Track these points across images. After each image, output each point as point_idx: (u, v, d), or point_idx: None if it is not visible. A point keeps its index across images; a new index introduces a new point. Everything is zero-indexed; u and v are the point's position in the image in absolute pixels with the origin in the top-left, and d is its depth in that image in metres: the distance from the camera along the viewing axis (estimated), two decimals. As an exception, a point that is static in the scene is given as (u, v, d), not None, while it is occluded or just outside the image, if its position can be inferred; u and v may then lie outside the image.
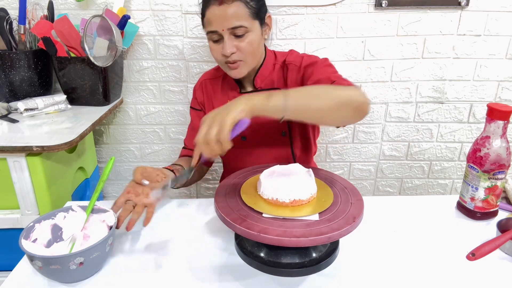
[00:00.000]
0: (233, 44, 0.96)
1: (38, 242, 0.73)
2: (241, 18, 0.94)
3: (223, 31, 0.94)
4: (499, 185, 0.88)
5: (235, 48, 0.97)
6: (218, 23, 0.94)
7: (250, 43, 0.97)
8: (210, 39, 0.99)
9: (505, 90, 1.56)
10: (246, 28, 0.95)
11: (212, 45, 1.00)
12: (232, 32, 0.95)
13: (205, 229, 0.88)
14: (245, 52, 0.98)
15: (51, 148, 1.05)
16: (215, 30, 0.95)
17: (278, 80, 1.09)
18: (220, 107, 0.73)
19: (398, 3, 1.42)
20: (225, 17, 0.93)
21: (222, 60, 1.00)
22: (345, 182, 0.83)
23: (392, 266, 0.76)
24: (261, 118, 1.06)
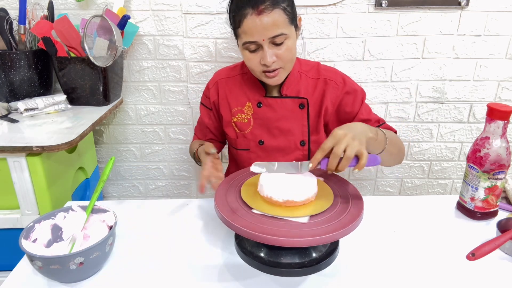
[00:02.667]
0: (273, 52, 0.95)
1: (38, 242, 0.73)
2: (280, 26, 0.93)
3: (263, 41, 0.93)
4: (499, 185, 0.88)
5: (275, 57, 0.95)
6: (258, 33, 0.92)
7: (289, 49, 0.96)
8: (246, 49, 0.97)
9: (505, 90, 1.56)
10: (286, 35, 0.94)
11: (249, 55, 0.98)
12: (272, 41, 0.94)
13: (205, 229, 0.88)
14: (285, 60, 0.97)
15: (51, 148, 1.05)
16: (255, 40, 0.93)
17: (306, 91, 1.08)
18: (349, 125, 0.78)
19: (398, 3, 1.42)
20: (265, 27, 0.91)
21: (259, 70, 0.98)
22: (344, 181, 0.83)
23: (392, 266, 0.76)
24: (283, 124, 1.07)
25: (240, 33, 0.96)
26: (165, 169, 1.72)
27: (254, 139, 1.10)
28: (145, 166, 1.72)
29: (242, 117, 1.10)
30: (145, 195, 1.78)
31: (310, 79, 1.09)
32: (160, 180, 1.75)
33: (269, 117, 1.08)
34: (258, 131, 1.10)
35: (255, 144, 1.11)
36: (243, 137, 1.11)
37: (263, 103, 1.08)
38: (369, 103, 1.56)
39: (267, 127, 1.09)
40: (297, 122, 1.08)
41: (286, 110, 1.07)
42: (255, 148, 1.11)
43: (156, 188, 1.77)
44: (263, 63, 0.95)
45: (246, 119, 1.10)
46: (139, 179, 1.75)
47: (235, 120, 1.11)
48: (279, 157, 1.11)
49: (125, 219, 0.90)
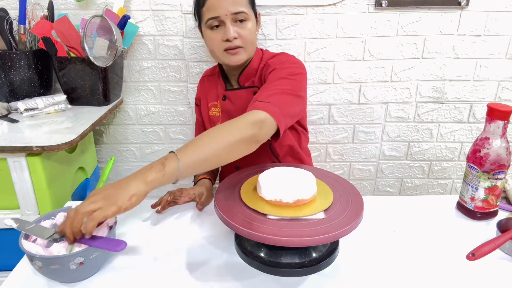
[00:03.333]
0: (235, 29, 1.00)
1: (38, 242, 0.73)
2: (242, 4, 1.00)
3: (226, 16, 0.98)
4: (499, 185, 0.88)
5: (237, 34, 1.00)
6: (221, 7, 0.98)
7: (250, 30, 1.02)
8: (208, 27, 1.02)
9: (505, 90, 1.56)
10: (246, 15, 1.01)
11: (210, 34, 1.02)
12: (234, 18, 1.00)
13: (205, 229, 0.88)
14: (246, 39, 1.02)
15: (51, 148, 1.05)
16: (218, 15, 0.99)
17: (258, 80, 1.09)
18: (116, 183, 0.72)
19: (398, 3, 1.42)
20: (230, 2, 0.98)
21: (221, 47, 1.02)
22: (345, 182, 0.83)
23: (392, 266, 0.76)
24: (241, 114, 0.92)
25: (204, 12, 1.02)
26: (165, 169, 1.72)
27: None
28: (145, 166, 1.71)
29: (215, 111, 1.17)
30: (145, 195, 1.78)
31: (262, 69, 1.08)
32: (160, 180, 1.74)
33: (230, 109, 1.12)
34: None
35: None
36: None
37: (226, 96, 1.13)
38: (369, 103, 1.57)
39: (231, 118, 1.05)
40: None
41: (244, 100, 1.08)
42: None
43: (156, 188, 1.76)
44: (225, 38, 1.00)
45: (218, 113, 1.16)
46: (139, 179, 1.74)
47: (210, 114, 1.18)
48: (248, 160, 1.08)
49: (125, 219, 0.90)
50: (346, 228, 0.65)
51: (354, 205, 0.73)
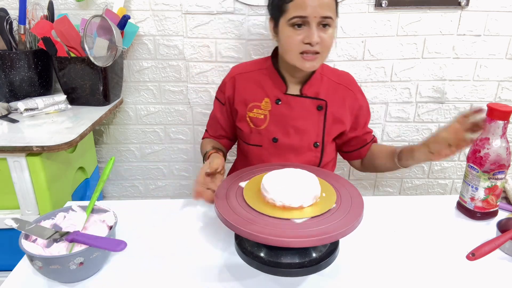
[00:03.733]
0: (318, 34, 0.95)
1: (38, 242, 0.73)
2: (332, 10, 0.95)
3: (314, 18, 0.93)
4: (499, 185, 0.88)
5: (319, 39, 0.95)
6: (312, 9, 0.92)
7: (331, 36, 0.97)
8: (290, 24, 0.95)
9: (505, 90, 1.56)
10: (332, 20, 0.96)
11: (291, 33, 0.96)
12: (320, 22, 0.94)
13: (205, 229, 0.88)
14: (326, 45, 0.97)
15: (51, 148, 1.05)
16: (306, 15, 0.93)
17: (326, 93, 1.08)
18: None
19: (398, 3, 1.42)
20: (321, 5, 0.93)
21: (298, 49, 0.96)
22: (345, 181, 0.83)
23: (392, 266, 0.76)
24: (299, 123, 1.07)
25: (290, 7, 0.95)
26: (165, 169, 1.72)
27: (268, 135, 1.09)
28: (145, 166, 1.72)
29: (258, 113, 1.09)
30: (145, 195, 1.78)
31: (331, 82, 1.10)
32: (160, 180, 1.75)
33: (286, 115, 1.07)
34: (273, 128, 1.08)
35: (268, 141, 1.09)
36: (257, 132, 1.10)
37: (282, 100, 1.07)
38: (369, 103, 1.56)
39: (283, 125, 1.08)
40: (313, 123, 1.08)
41: (304, 110, 1.07)
42: (268, 145, 1.10)
43: (156, 188, 1.77)
44: (308, 41, 0.94)
45: (263, 115, 1.08)
46: (139, 179, 1.75)
47: (250, 115, 1.10)
48: (292, 157, 1.09)
49: (125, 219, 0.90)
50: (346, 228, 0.65)
51: (354, 205, 0.73)
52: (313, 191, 0.73)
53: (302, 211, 0.70)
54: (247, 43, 1.49)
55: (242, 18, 1.45)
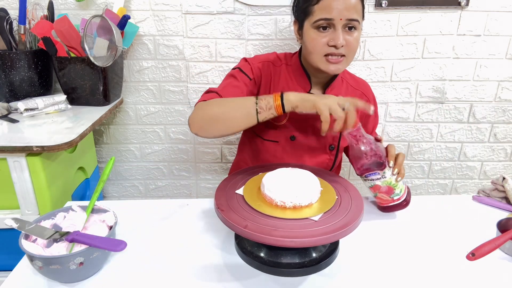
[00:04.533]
0: (344, 36, 0.93)
1: (38, 242, 0.73)
2: (358, 12, 0.93)
3: (340, 21, 0.91)
4: (380, 184, 0.88)
5: (345, 41, 0.93)
6: (338, 11, 0.90)
7: (357, 39, 0.95)
8: (315, 27, 0.94)
9: (505, 90, 1.56)
10: (358, 23, 0.94)
11: (315, 34, 0.94)
12: (346, 24, 0.93)
13: (205, 229, 0.88)
14: (351, 48, 0.95)
15: (51, 148, 1.05)
16: (332, 18, 0.91)
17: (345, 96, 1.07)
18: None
19: (398, 3, 1.42)
20: (347, 7, 0.91)
21: (323, 51, 0.94)
22: (345, 182, 0.83)
23: (392, 266, 0.76)
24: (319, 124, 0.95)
25: (316, 10, 0.93)
26: (165, 169, 1.72)
27: (286, 132, 1.07)
28: (145, 166, 1.72)
29: None
30: (145, 195, 1.78)
31: (350, 87, 1.10)
32: (160, 180, 1.75)
33: (307, 114, 1.02)
34: (293, 125, 1.06)
35: (285, 138, 1.07)
36: (274, 128, 1.07)
37: None
38: (369, 103, 1.57)
39: (302, 123, 1.06)
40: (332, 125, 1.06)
41: None
42: (284, 142, 1.07)
43: (156, 188, 1.77)
44: (333, 43, 0.92)
45: None
46: (139, 179, 1.75)
47: None
48: (307, 157, 1.09)
49: (125, 219, 0.90)
50: (346, 228, 0.65)
51: (354, 205, 0.73)
52: (313, 190, 0.73)
53: (301, 211, 0.70)
54: (247, 43, 1.49)
55: (242, 18, 1.45)
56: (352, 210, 0.71)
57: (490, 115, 1.61)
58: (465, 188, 1.75)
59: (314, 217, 0.68)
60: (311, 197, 0.72)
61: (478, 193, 1.04)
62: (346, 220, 0.68)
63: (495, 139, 1.65)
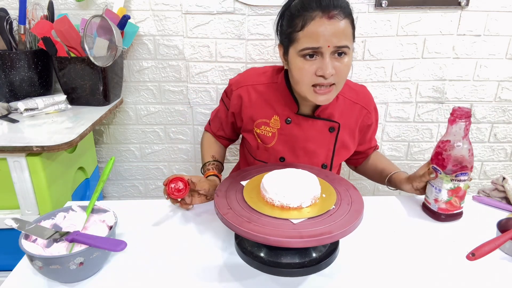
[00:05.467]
0: (332, 64, 0.86)
1: (38, 242, 0.73)
2: (347, 38, 0.86)
3: (328, 48, 0.84)
4: (462, 187, 0.88)
5: (334, 70, 0.86)
6: (324, 39, 0.83)
7: (347, 65, 0.88)
8: (302, 56, 0.87)
9: (505, 90, 1.56)
10: (348, 49, 0.86)
11: (301, 63, 0.87)
12: (335, 51, 0.86)
13: (205, 229, 0.88)
14: (341, 75, 0.88)
15: (51, 148, 1.05)
16: (319, 46, 0.84)
17: (340, 114, 1.02)
18: None
19: (398, 3, 1.42)
20: (335, 34, 0.83)
21: (310, 82, 0.88)
22: (345, 182, 0.83)
23: (392, 266, 0.76)
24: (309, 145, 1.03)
25: (301, 37, 0.86)
26: (165, 169, 1.72)
27: (275, 154, 1.04)
28: (145, 166, 1.72)
29: (266, 130, 1.03)
30: (145, 195, 1.78)
31: (347, 101, 1.03)
32: (160, 180, 1.75)
33: (297, 135, 1.01)
34: (282, 147, 1.03)
35: (275, 159, 1.05)
36: (264, 149, 1.05)
37: (292, 120, 1.01)
38: (369, 103, 1.57)
39: (292, 145, 1.03)
40: (324, 145, 1.04)
41: (316, 131, 1.02)
42: (274, 163, 1.05)
43: (156, 188, 1.76)
44: (321, 73, 0.86)
45: (271, 133, 1.02)
46: (139, 179, 1.75)
47: (257, 131, 1.04)
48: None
49: (125, 219, 0.90)
50: (346, 228, 0.65)
51: (354, 205, 0.73)
52: (312, 191, 0.73)
53: (301, 212, 0.70)
54: (247, 43, 1.49)
55: (242, 18, 1.45)
56: (352, 210, 0.71)
57: (490, 115, 1.61)
58: (465, 188, 1.75)
59: (294, 219, 0.68)
60: (300, 199, 0.71)
61: (478, 193, 1.04)
62: (346, 220, 0.67)
63: (495, 139, 1.65)
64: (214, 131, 1.20)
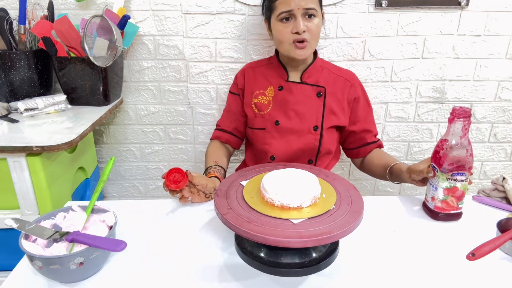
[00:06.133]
0: (304, 24, 1.08)
1: (38, 242, 0.73)
2: (313, 2, 1.08)
3: (298, 10, 1.07)
4: (459, 187, 0.87)
5: (306, 28, 1.08)
6: (295, 3, 1.06)
7: (317, 25, 1.10)
8: (279, 20, 1.10)
9: (505, 90, 1.56)
10: (315, 11, 1.09)
11: (281, 26, 1.10)
12: (305, 13, 1.08)
13: (205, 229, 0.88)
14: (313, 33, 1.10)
15: (51, 148, 1.05)
16: (291, 9, 1.07)
17: (325, 81, 1.20)
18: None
19: (398, 3, 1.42)
20: None
21: (290, 39, 1.10)
22: (345, 182, 0.83)
23: (392, 266, 0.76)
24: (299, 107, 1.17)
25: (277, 5, 1.09)
26: (165, 169, 1.72)
27: (271, 119, 1.19)
28: (145, 166, 1.72)
29: (263, 99, 1.21)
30: (145, 195, 1.78)
31: (331, 73, 1.22)
32: (160, 180, 1.75)
33: (288, 99, 1.18)
34: (276, 112, 1.19)
35: (271, 124, 1.19)
36: (261, 117, 1.21)
37: (284, 87, 1.19)
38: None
39: (284, 109, 1.19)
40: (313, 108, 1.18)
41: (304, 95, 1.18)
42: (271, 128, 1.19)
43: (156, 188, 1.76)
44: (296, 31, 1.08)
45: (267, 101, 1.20)
46: (139, 179, 1.75)
47: (255, 101, 1.22)
48: (293, 139, 1.18)
49: (125, 219, 0.90)
50: (346, 228, 0.65)
51: (354, 205, 0.73)
52: (312, 191, 0.73)
53: (301, 212, 0.70)
54: (247, 43, 1.49)
55: (242, 18, 1.45)
56: (352, 210, 0.71)
57: (490, 115, 1.61)
58: (465, 188, 1.75)
59: (294, 219, 0.68)
60: (300, 199, 0.71)
61: (478, 193, 1.04)
62: (346, 220, 0.67)
63: (495, 139, 1.65)
64: (227, 128, 1.29)
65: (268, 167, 0.89)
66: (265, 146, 1.20)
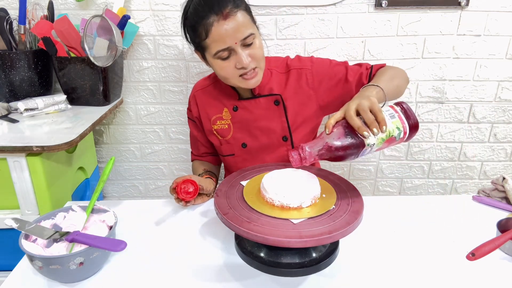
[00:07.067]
0: (246, 53, 0.95)
1: (38, 242, 0.73)
2: (248, 26, 0.94)
3: (236, 44, 0.93)
4: (376, 148, 0.71)
5: (250, 57, 0.95)
6: (230, 38, 0.91)
7: (259, 47, 0.97)
8: (219, 58, 0.96)
9: (505, 90, 1.56)
10: (254, 35, 0.95)
11: (221, 64, 0.96)
12: (244, 43, 0.94)
13: (205, 229, 0.88)
14: (258, 58, 0.97)
15: (51, 148, 1.05)
16: (228, 46, 0.92)
17: (278, 87, 1.09)
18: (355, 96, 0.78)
19: (398, 3, 1.42)
20: (236, 30, 0.91)
21: (236, 75, 0.97)
22: (345, 182, 0.83)
23: (392, 266, 0.76)
24: (262, 123, 1.09)
25: (209, 44, 0.94)
26: (165, 169, 1.72)
27: (237, 143, 1.12)
28: (145, 166, 1.72)
29: (222, 124, 1.12)
30: (145, 195, 1.78)
31: (280, 74, 1.10)
32: (160, 180, 1.75)
33: (247, 118, 1.10)
34: (240, 134, 1.11)
35: (238, 147, 1.13)
36: (226, 143, 1.13)
37: (238, 107, 1.10)
38: (369, 103, 1.56)
39: (247, 129, 1.11)
40: (276, 119, 1.09)
41: (262, 109, 1.09)
42: (239, 152, 1.13)
43: (156, 188, 1.77)
44: (240, 66, 0.95)
45: (226, 125, 1.12)
46: (139, 179, 1.75)
47: (215, 128, 1.13)
48: (264, 156, 1.13)
49: (125, 219, 0.90)
50: (346, 228, 0.65)
51: (354, 205, 0.73)
52: (312, 191, 0.73)
53: (301, 212, 0.70)
54: (247, 43, 1.49)
55: (242, 18, 1.45)
56: (352, 210, 0.71)
57: (490, 115, 1.61)
58: (465, 188, 1.75)
59: (294, 219, 0.68)
60: (300, 199, 0.71)
61: (478, 193, 1.04)
62: (346, 220, 0.67)
63: (495, 139, 1.65)
64: (197, 153, 1.25)
65: (268, 167, 0.89)
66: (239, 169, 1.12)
